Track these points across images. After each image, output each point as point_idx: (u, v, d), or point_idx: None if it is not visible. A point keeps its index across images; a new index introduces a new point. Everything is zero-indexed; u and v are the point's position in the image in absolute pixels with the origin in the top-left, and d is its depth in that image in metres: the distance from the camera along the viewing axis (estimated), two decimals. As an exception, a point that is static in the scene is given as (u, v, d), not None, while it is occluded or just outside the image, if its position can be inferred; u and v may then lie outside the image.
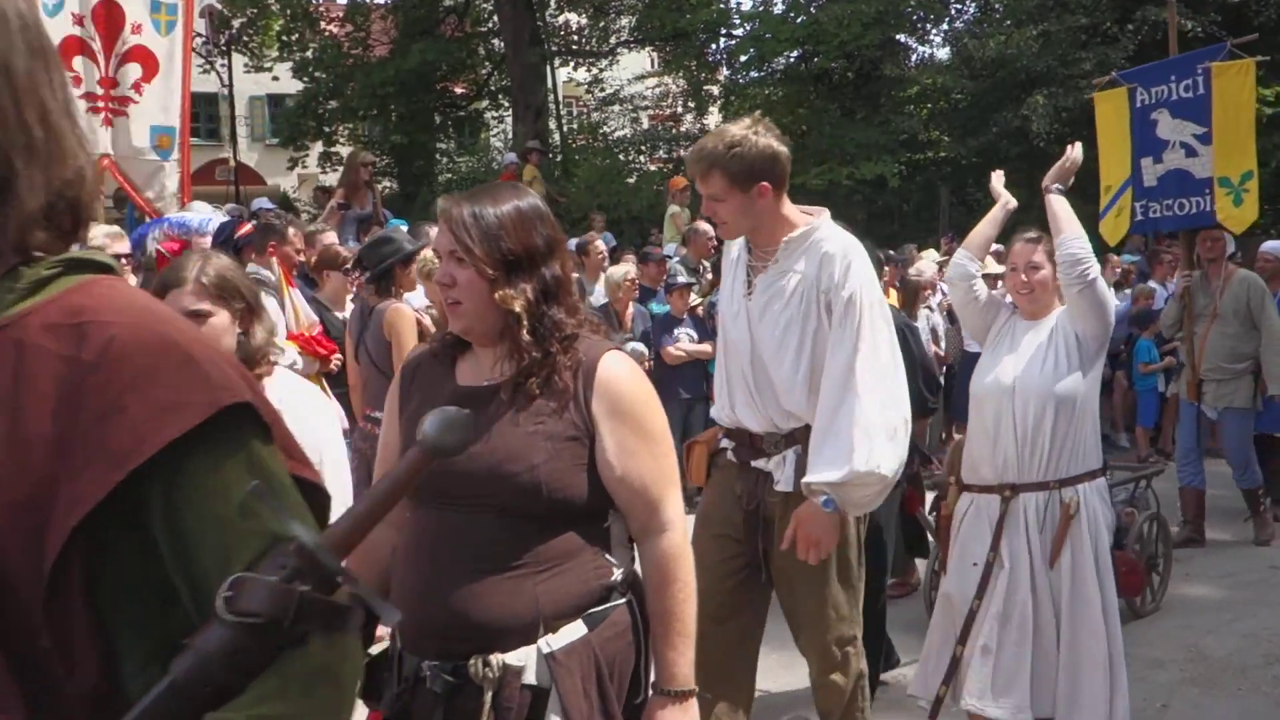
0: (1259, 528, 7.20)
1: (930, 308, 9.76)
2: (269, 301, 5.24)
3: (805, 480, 3.06)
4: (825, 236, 3.17)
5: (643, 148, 21.52)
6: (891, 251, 11.54)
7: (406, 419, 2.17)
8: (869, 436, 3.02)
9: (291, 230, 5.74)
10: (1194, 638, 5.43)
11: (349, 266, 6.11)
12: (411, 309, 5.23)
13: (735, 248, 3.40)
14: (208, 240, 6.18)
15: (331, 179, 20.05)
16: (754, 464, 3.28)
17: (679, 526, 2.12)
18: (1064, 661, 3.62)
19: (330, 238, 6.86)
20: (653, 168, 20.60)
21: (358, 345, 5.22)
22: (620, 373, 2.09)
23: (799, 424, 3.19)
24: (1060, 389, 3.61)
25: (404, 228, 7.10)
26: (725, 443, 3.39)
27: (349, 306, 6.02)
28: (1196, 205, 7.05)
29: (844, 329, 3.07)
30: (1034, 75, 15.93)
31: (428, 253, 8.25)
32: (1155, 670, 5.04)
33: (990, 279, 9.38)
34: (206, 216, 6.69)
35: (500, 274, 2.03)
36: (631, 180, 19.00)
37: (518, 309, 2.01)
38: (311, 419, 2.67)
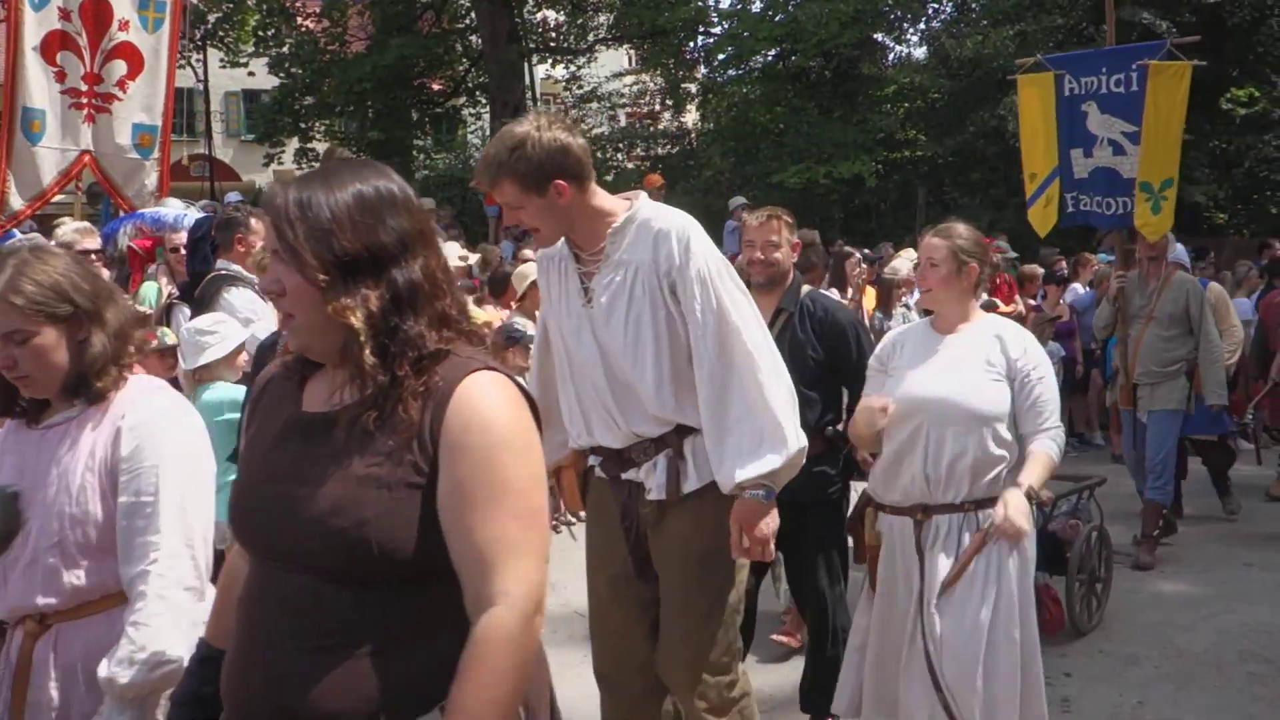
0: (1143, 550, 6.58)
1: (907, 305, 9.79)
2: (245, 294, 5.18)
3: (739, 479, 2.82)
4: (650, 215, 2.90)
5: (620, 145, 21.49)
6: (868, 250, 11.57)
7: (246, 443, 1.83)
8: (787, 411, 2.87)
9: (254, 220, 5.67)
10: (1170, 634, 5.45)
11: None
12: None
13: (556, 256, 3.06)
14: (182, 236, 6.11)
15: (307, 175, 19.90)
16: (624, 476, 3.02)
17: (518, 604, 1.60)
18: (981, 701, 3.36)
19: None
20: (630, 165, 20.58)
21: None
22: (480, 400, 1.64)
23: (669, 427, 2.94)
24: (980, 405, 3.37)
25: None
26: (592, 459, 3.12)
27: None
28: (1123, 206, 6.81)
29: (704, 309, 2.82)
30: (1010, 75, 15.98)
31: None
32: (1131, 666, 5.07)
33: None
34: (180, 212, 6.63)
35: (335, 279, 1.62)
36: (609, 178, 18.98)
37: (356, 323, 1.60)
38: (157, 433, 2.25)
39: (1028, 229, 7.32)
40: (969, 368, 3.42)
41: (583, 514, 3.28)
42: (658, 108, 23.58)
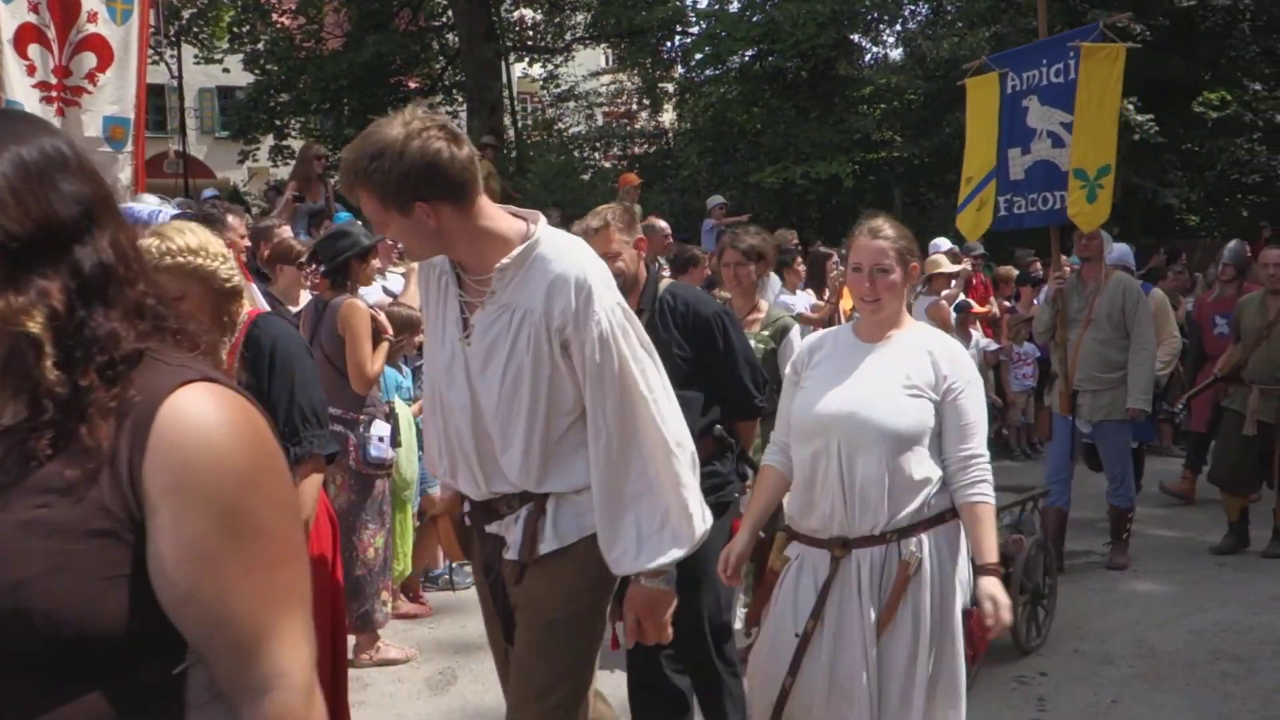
0: (1116, 552, 6.70)
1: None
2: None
3: (638, 568, 2.54)
4: (549, 255, 2.50)
5: (598, 144, 21.48)
6: (845, 251, 11.61)
7: None
8: (693, 488, 2.59)
9: (232, 218, 5.63)
10: (1143, 633, 5.50)
11: (303, 260, 6.03)
12: (366, 304, 5.17)
13: (438, 269, 2.66)
14: (156, 233, 6.05)
15: (283, 173, 19.83)
16: (488, 529, 2.69)
17: (299, 685, 1.27)
18: None
19: (284, 232, 6.76)
20: (607, 164, 20.58)
21: (311, 340, 5.14)
22: (200, 424, 1.23)
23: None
24: (896, 424, 2.97)
25: (357, 221, 7.02)
26: (466, 503, 2.78)
27: (303, 301, 5.93)
28: (1059, 200, 6.51)
29: (604, 374, 2.47)
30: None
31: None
32: (1105, 666, 5.11)
33: (943, 277, 9.45)
34: (155, 209, 6.57)
35: None
36: (586, 177, 18.97)
37: (35, 328, 1.20)
38: None
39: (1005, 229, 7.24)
40: (889, 382, 3.03)
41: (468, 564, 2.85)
42: (635, 107, 23.59)
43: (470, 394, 2.56)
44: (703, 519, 2.60)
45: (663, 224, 9.76)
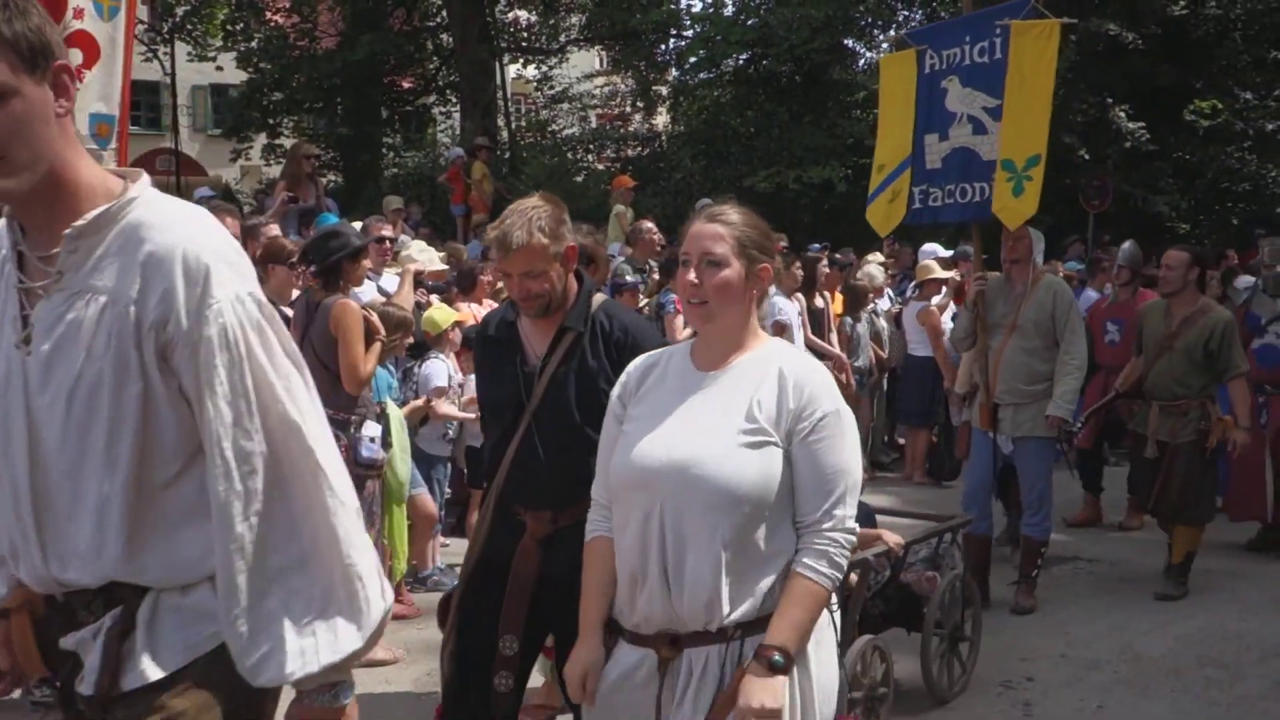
0: (1021, 593, 5.97)
1: (875, 312, 9.85)
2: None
3: (297, 673, 1.78)
4: (146, 221, 1.74)
5: (591, 146, 21.48)
6: (838, 255, 11.63)
7: None
8: (364, 555, 1.87)
9: (228, 220, 5.64)
10: (1129, 639, 5.53)
11: (294, 260, 6.03)
12: (359, 304, 5.18)
13: None
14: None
15: (275, 171, 19.79)
16: (63, 644, 1.82)
17: None
18: None
19: (274, 231, 6.77)
20: (600, 166, 20.57)
21: (302, 340, 5.14)
22: None
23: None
24: (741, 482, 2.29)
25: (335, 221, 7.02)
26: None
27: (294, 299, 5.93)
28: (980, 192, 5.91)
29: (231, 392, 1.73)
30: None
31: None
32: (1091, 671, 5.13)
33: (934, 283, 9.44)
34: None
35: None
36: (579, 179, 18.96)
37: None
38: None
39: (995, 233, 7.02)
40: (726, 425, 2.34)
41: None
42: (629, 110, 23.59)
43: (28, 425, 1.75)
44: (381, 595, 1.89)
45: (650, 225, 9.80)
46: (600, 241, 5.43)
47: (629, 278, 8.55)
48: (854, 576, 4.13)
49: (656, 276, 9.05)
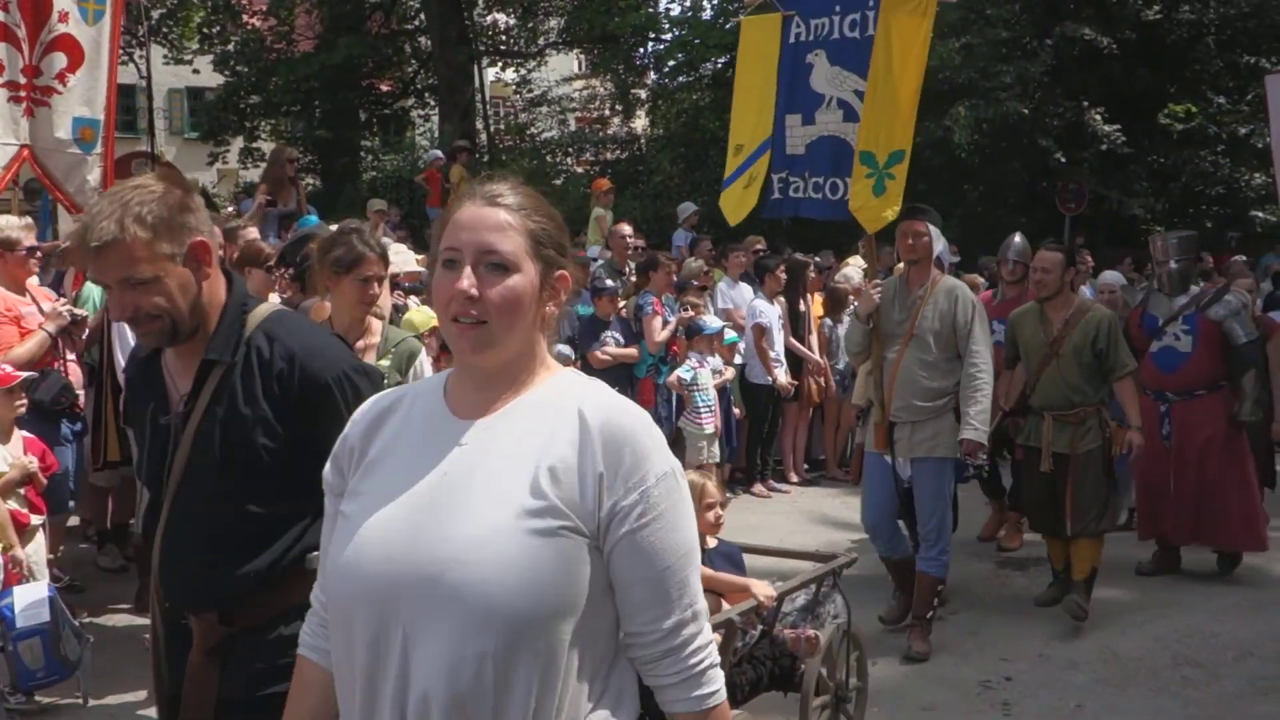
0: (914, 636, 5.32)
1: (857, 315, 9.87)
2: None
3: None
4: None
5: (570, 150, 21.49)
6: (817, 258, 11.67)
7: None
8: None
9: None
10: (1107, 639, 5.56)
11: (272, 264, 6.00)
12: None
13: None
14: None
15: (253, 175, 19.70)
16: None
17: None
18: None
19: (252, 233, 6.73)
20: (579, 170, 20.58)
21: (280, 344, 5.11)
22: None
23: None
24: (522, 594, 1.52)
25: (325, 225, 6.99)
26: None
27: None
28: (848, 188, 5.30)
29: None
30: (956, 86, 16.21)
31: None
32: (1070, 671, 5.16)
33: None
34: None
35: None
36: (558, 182, 18.95)
37: None
38: None
39: (971, 235, 6.89)
40: (499, 503, 1.56)
41: None
42: (608, 113, 23.59)
43: None
44: None
45: (626, 228, 9.81)
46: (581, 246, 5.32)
47: (607, 281, 8.56)
48: (716, 637, 3.32)
49: (635, 278, 9.06)
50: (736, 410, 8.88)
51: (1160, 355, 6.55)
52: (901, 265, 6.21)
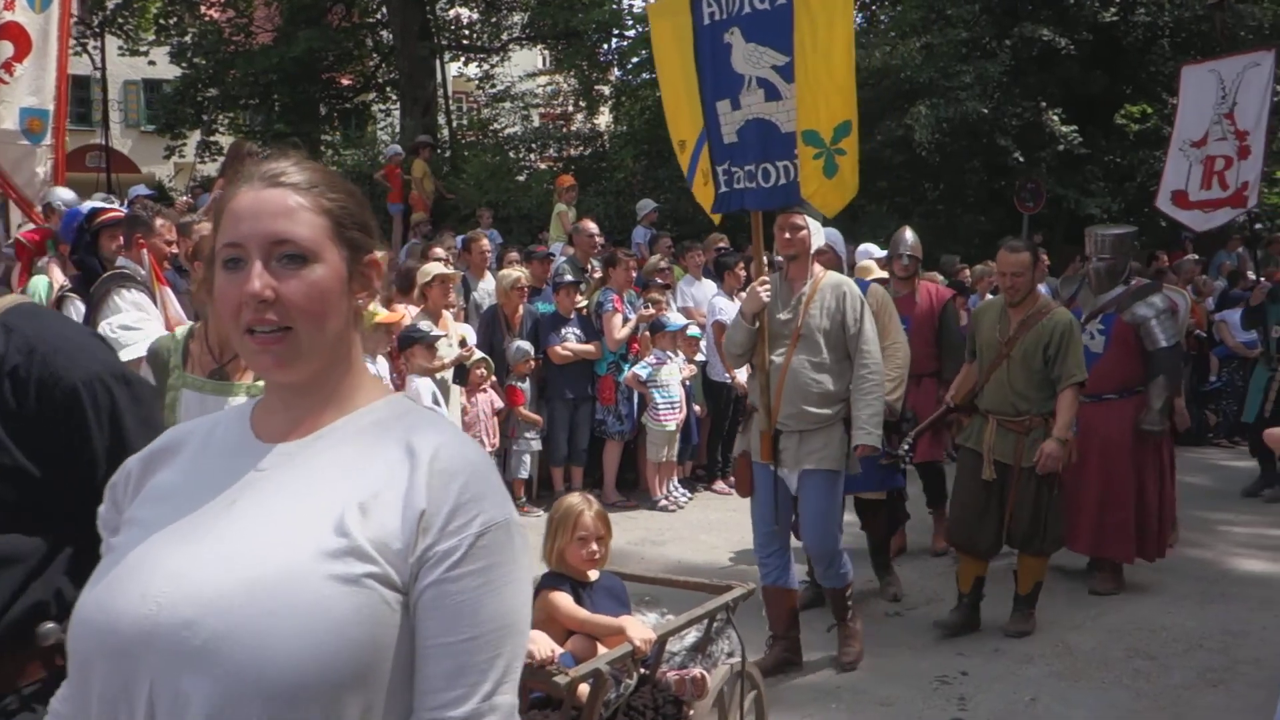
0: (845, 640, 5.14)
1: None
2: (140, 297, 5.07)
3: None
4: None
5: (533, 146, 21.41)
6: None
7: None
8: None
9: (160, 221, 5.53)
10: (1061, 633, 5.63)
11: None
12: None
13: None
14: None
15: (210, 169, 19.48)
16: None
17: None
18: None
19: (205, 228, 6.65)
20: (543, 166, 20.50)
21: (234, 341, 5.05)
22: None
23: None
24: (325, 656, 1.22)
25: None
26: None
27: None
28: (784, 173, 4.83)
29: None
30: (917, 86, 16.31)
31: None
32: (1025, 665, 5.22)
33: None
34: (75, 209, 6.43)
35: None
36: (521, 178, 18.89)
37: None
38: None
39: (933, 234, 6.82)
40: (292, 541, 1.29)
41: None
42: (571, 109, 23.53)
43: None
44: None
45: (591, 225, 9.81)
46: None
47: (568, 277, 8.55)
48: (583, 689, 3.17)
49: (598, 275, 9.06)
50: (698, 408, 8.91)
51: None
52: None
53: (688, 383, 8.64)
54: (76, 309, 5.19)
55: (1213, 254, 15.14)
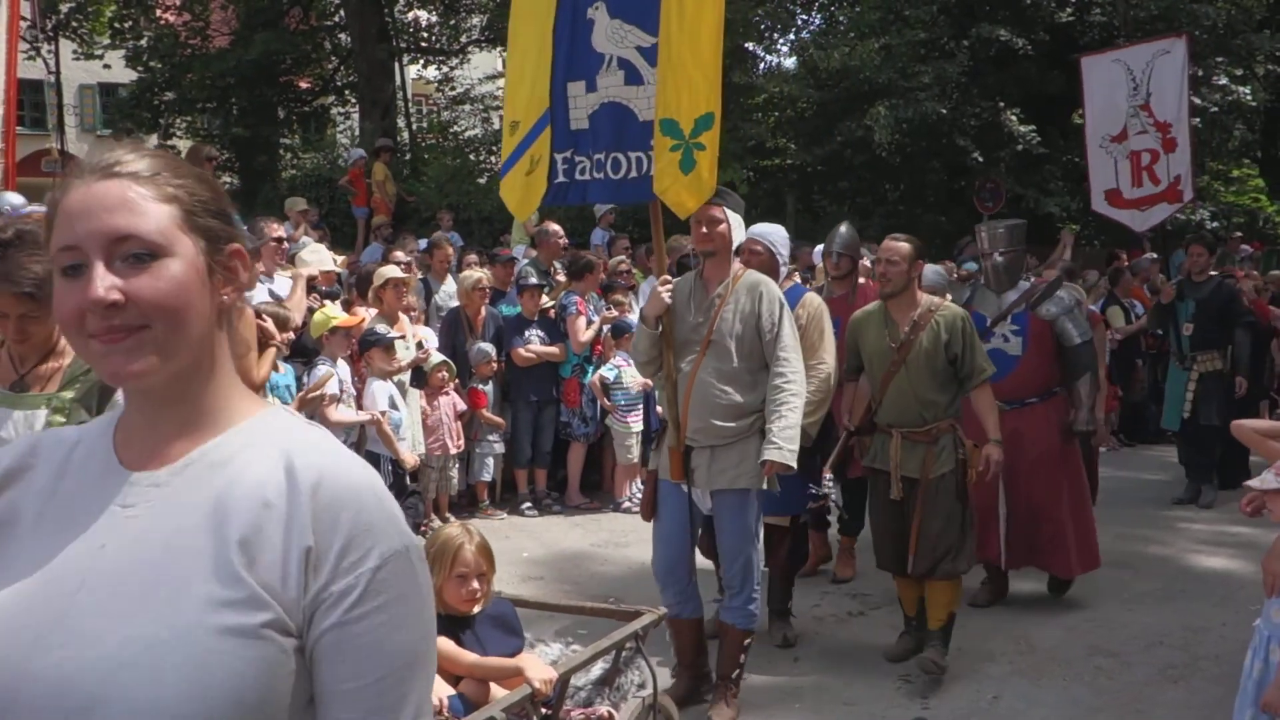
0: (721, 699, 4.50)
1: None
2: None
3: None
4: None
5: (493, 148, 21.33)
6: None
7: None
8: None
9: None
10: (1022, 630, 5.66)
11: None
12: (251, 307, 5.04)
13: None
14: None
15: (167, 173, 19.20)
16: None
17: None
18: None
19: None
20: (504, 168, 20.46)
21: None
22: None
23: None
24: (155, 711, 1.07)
25: (241, 225, 6.85)
26: None
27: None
28: (637, 165, 4.42)
29: None
30: (876, 87, 16.42)
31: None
32: (986, 663, 5.24)
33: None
34: (18, 208, 6.33)
35: None
36: (482, 180, 18.82)
37: None
38: None
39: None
40: (177, 585, 1.13)
41: None
42: (531, 111, 23.46)
43: None
44: None
45: (556, 228, 9.76)
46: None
47: (532, 279, 8.51)
48: None
49: (562, 278, 9.02)
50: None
51: (992, 359, 5.37)
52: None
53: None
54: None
55: (1171, 253, 15.31)
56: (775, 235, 5.25)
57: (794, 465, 4.31)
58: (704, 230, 4.42)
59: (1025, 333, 5.86)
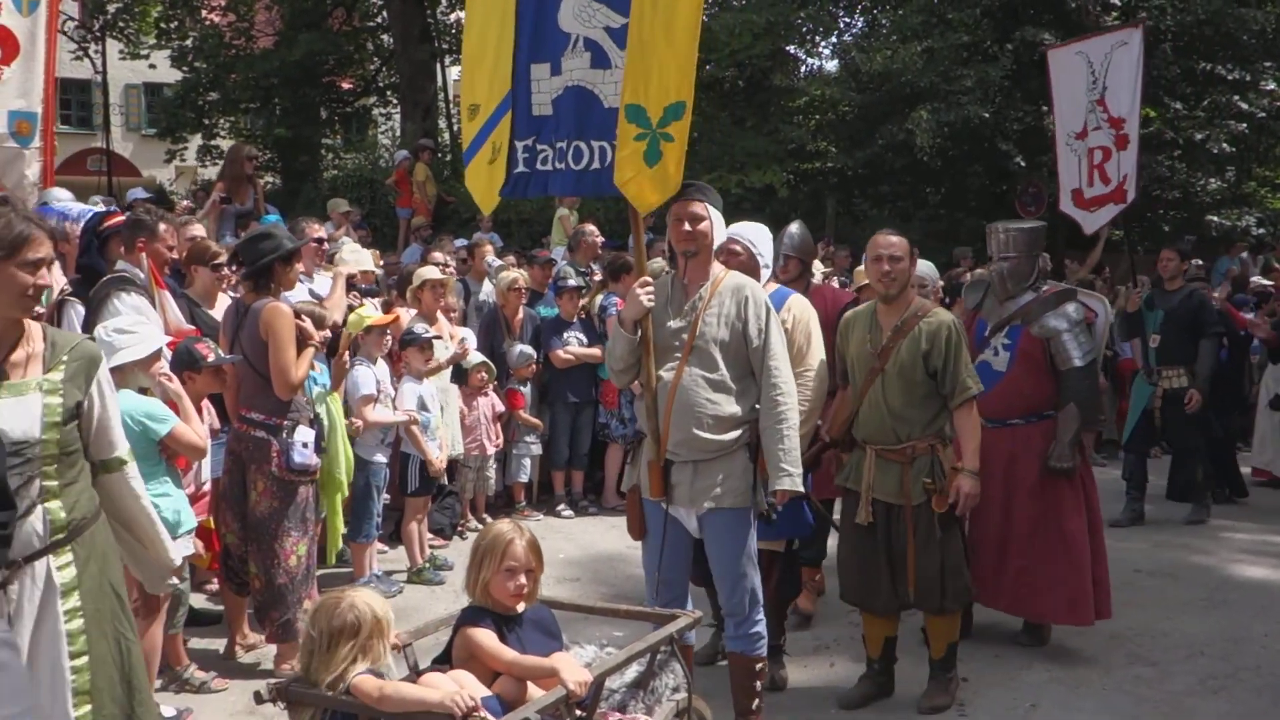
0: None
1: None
2: (139, 301, 5.07)
3: None
4: None
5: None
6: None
7: None
8: None
9: (163, 226, 5.54)
10: (1061, 638, 5.60)
11: (219, 261, 5.93)
12: (290, 307, 5.10)
13: None
14: (78, 230, 5.92)
15: (211, 173, 19.46)
16: None
17: None
18: None
19: (197, 230, 6.64)
20: (543, 170, 20.53)
21: (232, 344, 5.06)
22: None
23: None
24: None
25: (281, 224, 6.93)
26: None
27: (222, 303, 5.84)
28: (600, 155, 4.14)
29: None
30: (918, 90, 16.31)
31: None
32: (1024, 671, 5.20)
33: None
34: (68, 207, 6.42)
35: None
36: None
37: None
38: None
39: (935, 238, 6.32)
40: None
41: None
42: (571, 112, 23.53)
43: None
44: None
45: (592, 229, 9.79)
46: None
47: (570, 281, 8.53)
48: None
49: (599, 279, 9.04)
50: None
51: (977, 371, 4.84)
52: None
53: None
54: (77, 312, 5.18)
55: (1215, 260, 15.12)
56: (755, 234, 4.84)
57: (803, 489, 4.08)
58: (685, 228, 4.06)
59: (1015, 348, 5.37)
